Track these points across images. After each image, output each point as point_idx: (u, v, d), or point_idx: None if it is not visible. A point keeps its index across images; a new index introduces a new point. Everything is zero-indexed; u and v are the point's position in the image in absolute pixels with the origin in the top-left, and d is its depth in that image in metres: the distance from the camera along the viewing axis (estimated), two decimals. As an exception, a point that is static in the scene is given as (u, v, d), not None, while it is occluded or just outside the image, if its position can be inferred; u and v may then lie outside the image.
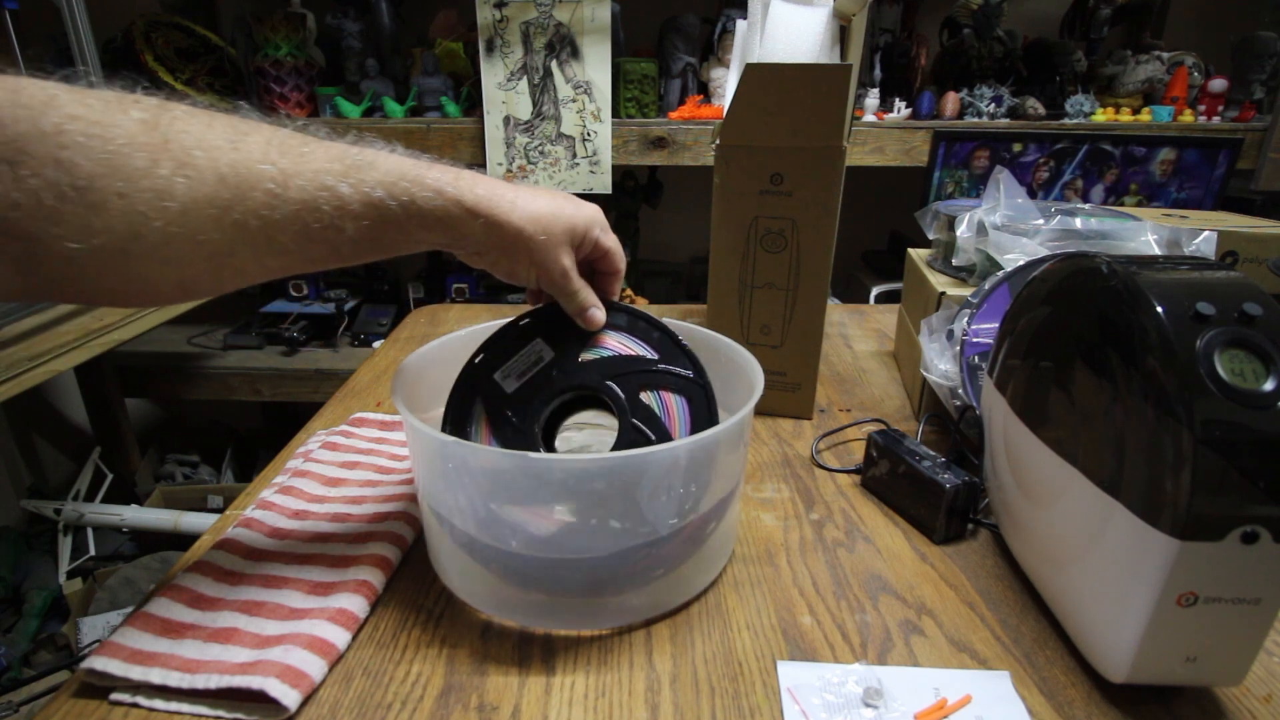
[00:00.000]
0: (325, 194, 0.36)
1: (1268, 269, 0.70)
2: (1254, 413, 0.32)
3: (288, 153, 0.35)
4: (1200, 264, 0.39)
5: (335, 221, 0.36)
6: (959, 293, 0.65)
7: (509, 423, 0.46)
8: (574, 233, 0.44)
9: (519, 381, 0.47)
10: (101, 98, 0.31)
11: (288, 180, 0.35)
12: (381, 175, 0.37)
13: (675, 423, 0.45)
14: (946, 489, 0.50)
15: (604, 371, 0.46)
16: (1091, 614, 0.39)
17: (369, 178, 0.37)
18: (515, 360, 0.48)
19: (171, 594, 0.43)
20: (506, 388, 0.47)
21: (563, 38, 1.35)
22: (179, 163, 0.32)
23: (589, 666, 0.41)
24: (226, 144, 0.34)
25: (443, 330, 0.95)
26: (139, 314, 1.20)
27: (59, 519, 1.38)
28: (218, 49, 1.52)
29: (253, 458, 1.76)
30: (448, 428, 0.47)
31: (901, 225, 1.74)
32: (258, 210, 0.34)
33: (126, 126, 0.31)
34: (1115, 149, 1.34)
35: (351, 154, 0.38)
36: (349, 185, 0.36)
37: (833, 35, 0.67)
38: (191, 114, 0.34)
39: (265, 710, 0.37)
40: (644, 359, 0.47)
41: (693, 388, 0.46)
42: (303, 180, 0.35)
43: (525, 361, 0.47)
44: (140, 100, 0.33)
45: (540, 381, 0.47)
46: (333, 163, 0.37)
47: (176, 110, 0.34)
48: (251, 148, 0.34)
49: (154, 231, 0.32)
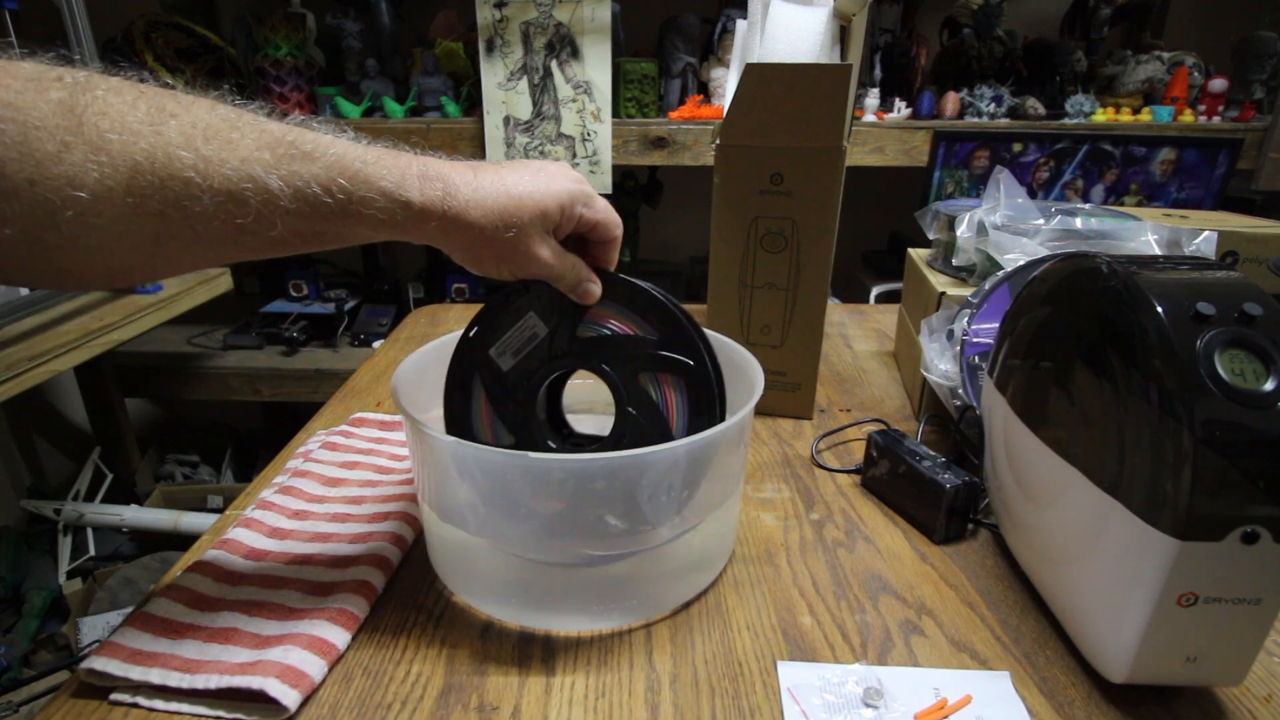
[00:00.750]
0: (251, 186, 0.32)
1: (1268, 269, 0.70)
2: (1254, 413, 0.32)
3: (214, 138, 0.32)
4: (1200, 264, 0.39)
5: (264, 215, 0.33)
6: (959, 293, 0.65)
7: (510, 399, 0.45)
8: (546, 217, 0.39)
9: (515, 359, 0.45)
10: (24, 75, 0.29)
11: (210, 170, 0.32)
12: (319, 169, 0.34)
13: (673, 412, 0.43)
14: (946, 489, 0.50)
15: (600, 352, 0.44)
16: (1091, 614, 0.39)
17: (304, 171, 0.33)
18: (509, 336, 0.45)
19: (171, 594, 0.43)
20: (503, 365, 0.45)
21: (563, 38, 1.35)
22: (92, 147, 0.29)
23: (589, 666, 0.41)
24: (147, 128, 0.31)
25: (443, 330, 0.95)
26: (139, 314, 1.20)
27: (59, 519, 1.38)
28: (218, 49, 1.52)
29: (253, 458, 1.76)
30: (451, 404, 0.45)
31: (901, 225, 1.74)
32: (177, 201, 0.31)
33: (41, 108, 0.29)
34: (1115, 149, 1.34)
35: (288, 141, 0.34)
36: (279, 178, 0.33)
37: (833, 35, 0.67)
38: (116, 91, 0.31)
39: (265, 710, 0.37)
40: (644, 340, 0.44)
41: (694, 375, 0.43)
42: (228, 170, 0.32)
43: (519, 338, 0.45)
44: (64, 77, 0.30)
45: (536, 359, 0.44)
46: (263, 151, 0.33)
47: (99, 88, 0.31)
48: (173, 132, 0.31)
49: (68, 222, 0.30)
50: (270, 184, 0.33)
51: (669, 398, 0.44)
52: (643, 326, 0.44)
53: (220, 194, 0.32)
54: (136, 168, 0.30)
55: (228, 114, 0.34)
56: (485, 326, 0.46)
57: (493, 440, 0.46)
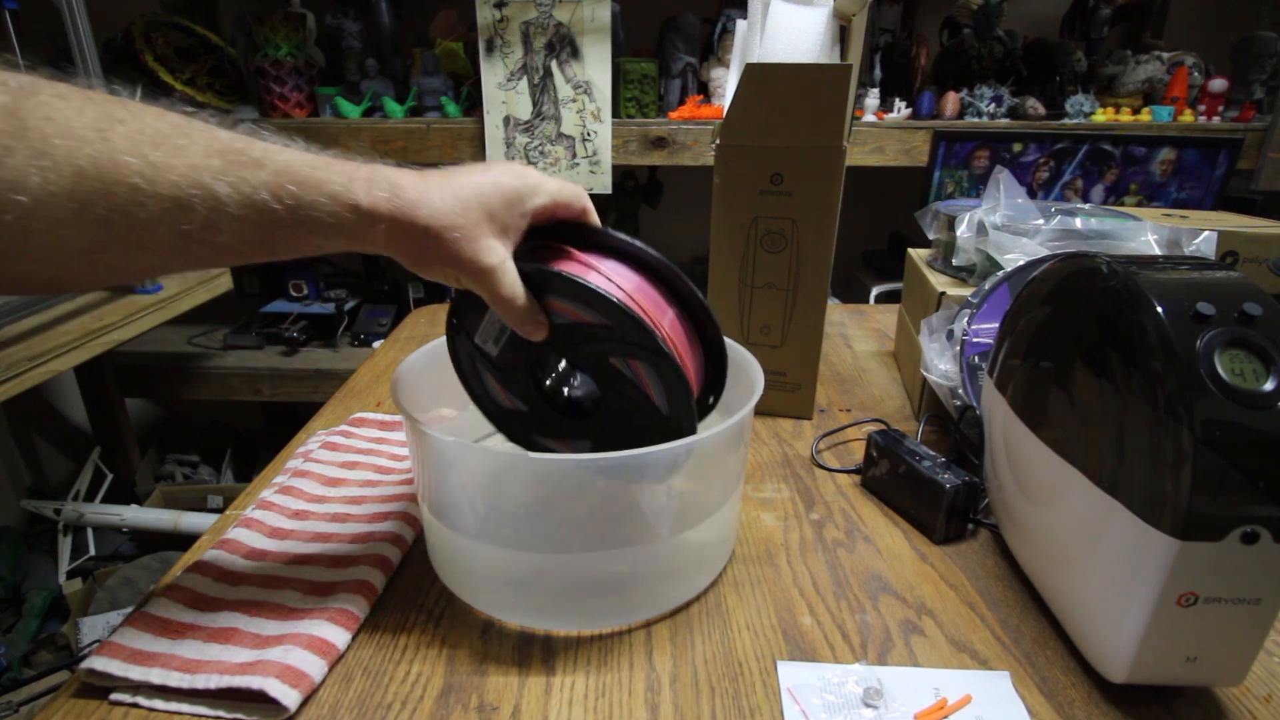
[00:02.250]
0: (199, 192, 0.32)
1: (1268, 269, 0.70)
2: (1254, 413, 0.32)
3: (162, 144, 0.32)
4: (1200, 264, 0.39)
5: (211, 223, 0.33)
6: (959, 293, 0.65)
7: (513, 379, 0.45)
8: (493, 217, 0.38)
9: (497, 346, 0.45)
10: None
11: (157, 176, 0.31)
12: (268, 176, 0.34)
13: (650, 389, 0.43)
14: (946, 489, 0.50)
15: (568, 337, 0.43)
16: (1091, 614, 0.39)
17: (252, 177, 0.33)
18: (485, 326, 0.45)
19: (171, 594, 0.43)
20: (489, 351, 0.45)
21: (563, 38, 1.35)
22: (36, 152, 0.29)
23: (589, 666, 0.41)
24: (94, 133, 0.31)
25: (442, 330, 0.95)
26: (139, 314, 1.20)
27: (59, 519, 1.38)
28: (218, 49, 1.52)
29: (253, 458, 1.76)
30: (470, 387, 0.47)
31: (901, 225, 1.74)
32: (123, 207, 0.31)
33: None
34: (1115, 149, 1.34)
35: (236, 148, 0.34)
36: (227, 184, 0.33)
37: (833, 35, 0.67)
38: (63, 96, 0.31)
39: (265, 710, 0.37)
40: (601, 327, 0.42)
41: (657, 359, 0.42)
42: (175, 176, 0.32)
43: (493, 327, 0.45)
44: (8, 82, 0.30)
45: (516, 345, 0.44)
46: (212, 158, 0.33)
47: (45, 93, 0.30)
48: (120, 138, 0.31)
49: (7, 226, 0.29)
50: (218, 190, 0.33)
51: (643, 376, 0.43)
52: (596, 316, 0.42)
53: (166, 200, 0.32)
54: (80, 173, 0.30)
55: (177, 121, 0.33)
56: (462, 316, 0.46)
57: (512, 407, 0.48)
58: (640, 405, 0.43)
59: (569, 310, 0.42)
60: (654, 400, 0.42)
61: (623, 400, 0.43)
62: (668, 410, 0.43)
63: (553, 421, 0.47)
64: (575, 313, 0.42)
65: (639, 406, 0.43)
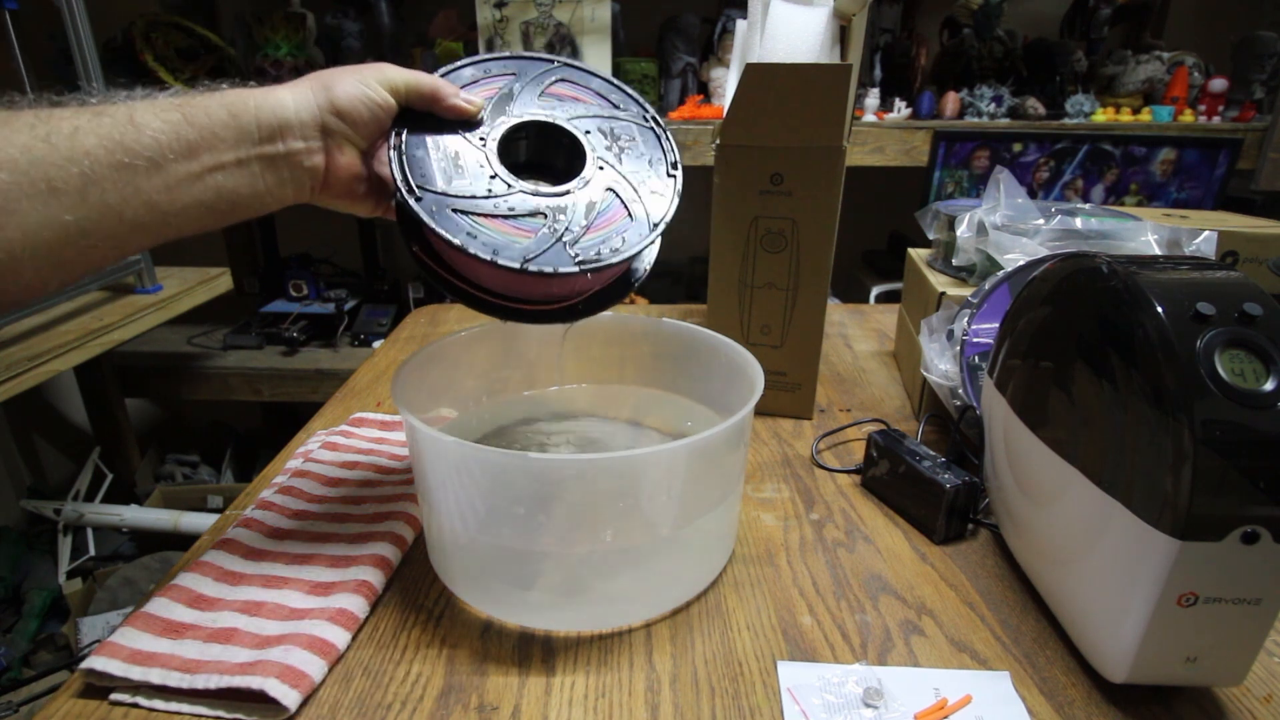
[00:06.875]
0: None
1: (1268, 269, 0.70)
2: (1254, 413, 0.32)
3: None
4: (1200, 264, 0.39)
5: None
6: (959, 293, 0.65)
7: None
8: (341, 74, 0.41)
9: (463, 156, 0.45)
10: None
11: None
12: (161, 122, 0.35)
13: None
14: (946, 489, 0.50)
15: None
16: (1091, 614, 0.39)
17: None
18: (435, 163, 0.44)
19: (171, 594, 0.43)
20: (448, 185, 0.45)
21: (563, 37, 1.35)
22: None
23: (589, 666, 0.41)
24: None
25: (443, 330, 0.95)
26: (139, 314, 1.21)
27: (59, 519, 1.38)
28: (218, 49, 1.52)
29: (253, 458, 1.76)
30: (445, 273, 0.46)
31: (901, 225, 1.74)
32: None
33: None
34: (1115, 149, 1.34)
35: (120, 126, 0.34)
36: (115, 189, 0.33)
37: (833, 35, 0.67)
38: None
39: (265, 710, 0.37)
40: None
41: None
42: None
43: (445, 151, 0.44)
44: None
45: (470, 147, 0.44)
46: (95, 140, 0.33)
47: None
48: None
49: None
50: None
51: None
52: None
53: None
54: None
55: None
56: (416, 189, 0.43)
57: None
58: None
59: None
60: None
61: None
62: None
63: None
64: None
65: None
